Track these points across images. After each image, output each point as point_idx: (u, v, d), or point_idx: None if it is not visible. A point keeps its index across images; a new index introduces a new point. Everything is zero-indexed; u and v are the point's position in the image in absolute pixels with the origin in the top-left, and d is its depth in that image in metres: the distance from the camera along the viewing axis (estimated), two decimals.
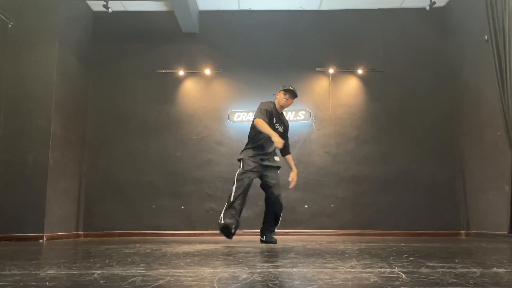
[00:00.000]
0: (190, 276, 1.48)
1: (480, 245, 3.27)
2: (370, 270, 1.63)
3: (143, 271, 1.61)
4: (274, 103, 3.85)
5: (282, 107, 3.84)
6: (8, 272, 1.62)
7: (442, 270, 1.61)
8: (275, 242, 3.67)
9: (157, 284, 1.31)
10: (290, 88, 3.76)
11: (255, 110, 3.76)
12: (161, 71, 5.68)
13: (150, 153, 5.50)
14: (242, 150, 3.81)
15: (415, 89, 5.55)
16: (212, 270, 1.65)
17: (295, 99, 3.83)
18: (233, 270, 1.65)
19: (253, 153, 3.71)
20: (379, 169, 5.38)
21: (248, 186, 3.61)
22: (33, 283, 1.33)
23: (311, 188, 5.36)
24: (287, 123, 3.98)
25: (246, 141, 3.87)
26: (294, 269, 1.70)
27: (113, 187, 5.41)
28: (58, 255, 2.64)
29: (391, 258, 2.13)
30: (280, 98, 3.81)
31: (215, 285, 1.29)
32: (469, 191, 5.10)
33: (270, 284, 1.30)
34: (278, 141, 3.45)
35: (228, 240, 3.67)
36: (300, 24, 5.77)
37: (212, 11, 5.82)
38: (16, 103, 4.68)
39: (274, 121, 3.76)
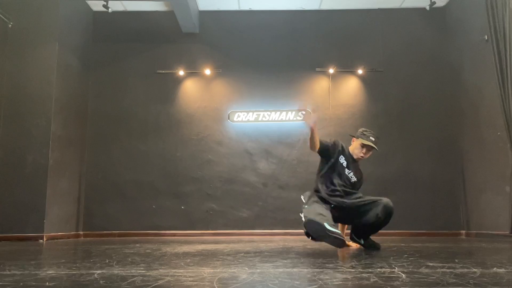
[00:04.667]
0: (190, 276, 1.48)
1: (480, 245, 3.26)
2: (370, 270, 1.62)
3: (143, 271, 1.61)
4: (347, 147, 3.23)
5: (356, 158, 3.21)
6: (8, 272, 1.62)
7: (442, 270, 1.60)
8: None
9: (157, 284, 1.31)
10: (370, 143, 3.06)
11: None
12: (161, 71, 5.68)
13: (150, 153, 5.50)
14: None
15: (415, 89, 5.55)
16: (212, 270, 1.64)
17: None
18: (233, 270, 1.64)
19: None
20: (379, 169, 5.38)
21: None
22: (33, 283, 1.33)
23: (312, 188, 5.34)
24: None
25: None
26: (294, 269, 1.69)
27: (113, 187, 5.41)
28: (58, 255, 2.64)
29: (391, 258, 2.13)
30: (355, 146, 3.20)
31: (215, 285, 1.29)
32: (469, 191, 5.10)
33: (270, 284, 1.30)
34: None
35: (228, 240, 3.67)
36: (300, 24, 5.77)
37: (212, 11, 5.82)
38: (16, 103, 4.68)
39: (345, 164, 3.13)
